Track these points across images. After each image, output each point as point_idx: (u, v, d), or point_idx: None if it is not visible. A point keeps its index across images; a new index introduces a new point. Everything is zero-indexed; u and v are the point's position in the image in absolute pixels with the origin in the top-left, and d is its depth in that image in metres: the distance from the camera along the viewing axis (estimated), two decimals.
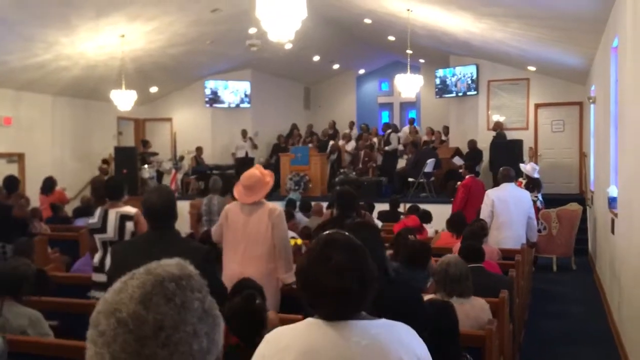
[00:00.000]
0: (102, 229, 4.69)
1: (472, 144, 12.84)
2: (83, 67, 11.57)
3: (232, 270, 4.14)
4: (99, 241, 4.72)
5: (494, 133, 12.77)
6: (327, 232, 1.74)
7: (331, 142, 15.03)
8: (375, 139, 15.38)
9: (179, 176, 14.09)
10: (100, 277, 4.59)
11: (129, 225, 4.66)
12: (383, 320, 1.65)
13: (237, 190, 4.39)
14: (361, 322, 1.60)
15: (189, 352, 0.91)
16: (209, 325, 0.95)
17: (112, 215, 4.70)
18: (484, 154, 12.79)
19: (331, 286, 1.57)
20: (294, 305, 3.27)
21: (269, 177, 4.43)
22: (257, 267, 4.17)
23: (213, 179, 8.33)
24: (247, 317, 2.84)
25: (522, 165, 8.77)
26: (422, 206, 8.58)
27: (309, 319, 1.65)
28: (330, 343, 1.57)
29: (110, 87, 11.72)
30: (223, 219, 4.41)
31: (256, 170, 4.47)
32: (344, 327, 1.59)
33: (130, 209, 4.78)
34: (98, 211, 4.82)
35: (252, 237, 4.25)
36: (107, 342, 0.89)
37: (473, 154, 12.53)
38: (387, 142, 14.39)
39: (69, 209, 10.15)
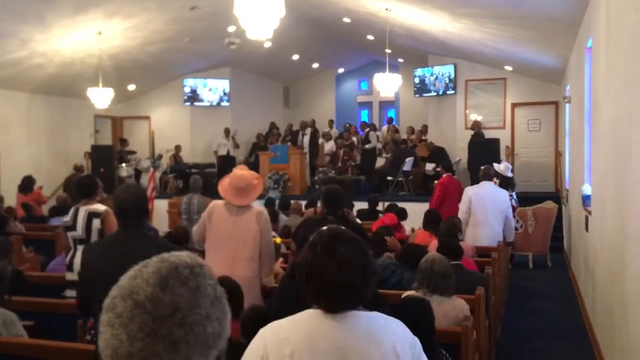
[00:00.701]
0: (73, 226, 4.66)
1: (432, 145, 13.28)
2: (59, 64, 11.42)
3: (219, 272, 4.11)
4: (71, 239, 4.69)
5: (472, 132, 12.89)
6: (330, 226, 1.78)
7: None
8: (354, 138, 15.42)
9: (157, 175, 13.96)
10: (72, 276, 4.54)
11: (96, 223, 4.61)
12: (377, 313, 1.70)
13: (227, 191, 4.29)
14: (358, 313, 1.65)
15: (203, 333, 0.93)
16: (220, 311, 0.98)
17: (82, 212, 4.66)
18: (463, 153, 12.92)
19: (336, 278, 1.62)
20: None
21: (257, 180, 4.40)
22: (245, 268, 4.14)
23: (193, 178, 8.26)
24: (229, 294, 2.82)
25: (495, 165, 8.87)
26: (401, 204, 8.63)
27: (309, 311, 1.68)
28: (329, 333, 1.61)
29: (87, 85, 11.58)
30: (206, 218, 4.32)
31: (246, 172, 4.44)
32: (342, 318, 1.63)
33: (99, 207, 4.72)
34: (72, 209, 4.80)
35: (242, 239, 4.19)
36: (124, 323, 0.90)
37: (439, 155, 12.76)
38: (366, 141, 14.45)
39: (43, 208, 10.03)
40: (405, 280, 4.20)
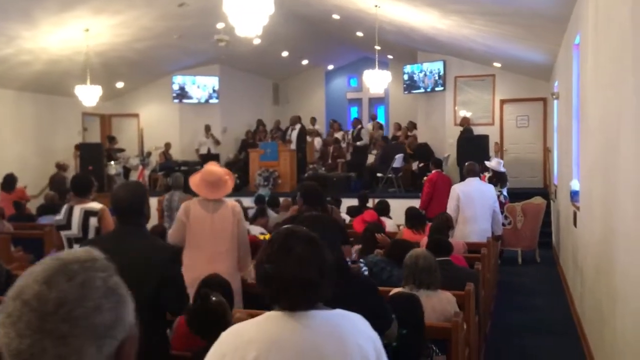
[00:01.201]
0: (67, 225, 4.62)
1: (414, 141, 13.32)
2: (46, 61, 11.32)
3: (200, 269, 4.10)
4: (64, 238, 4.65)
5: (461, 128, 12.94)
6: (287, 226, 1.80)
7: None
8: (340, 134, 15.41)
9: (147, 172, 13.92)
10: None
11: (93, 221, 4.58)
12: (339, 310, 1.71)
13: (199, 185, 4.35)
14: (320, 312, 1.66)
15: (92, 325, 0.96)
16: (113, 302, 1.01)
17: (77, 211, 4.62)
18: (452, 149, 12.96)
19: (293, 277, 1.62)
20: (256, 301, 3.27)
21: (228, 175, 4.49)
22: (225, 263, 4.17)
23: (174, 176, 8.25)
24: (205, 316, 2.78)
25: (487, 162, 8.92)
26: (391, 201, 8.64)
27: (269, 312, 1.69)
28: (293, 333, 1.61)
29: (74, 82, 11.49)
30: (183, 218, 4.32)
31: (217, 168, 4.52)
32: (305, 317, 1.64)
33: (95, 205, 4.70)
34: (64, 207, 4.75)
35: (219, 234, 4.25)
36: (13, 322, 0.94)
37: (422, 152, 12.81)
38: (358, 138, 14.45)
39: (31, 207, 9.95)
40: (395, 277, 4.21)
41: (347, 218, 8.28)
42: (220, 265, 4.01)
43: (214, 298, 2.84)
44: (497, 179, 8.93)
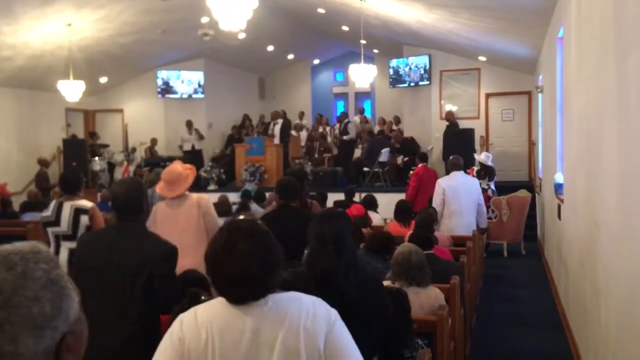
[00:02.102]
0: (56, 222, 4.56)
1: (400, 135, 13.35)
2: (28, 56, 11.18)
3: None
4: (51, 234, 4.59)
5: (447, 122, 12.98)
6: (232, 220, 1.83)
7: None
8: (327, 129, 15.40)
9: (131, 168, 13.81)
10: None
11: (84, 219, 4.54)
12: (292, 293, 1.74)
13: (160, 186, 4.47)
14: (269, 298, 1.69)
15: (29, 314, 0.96)
16: (54, 293, 1.00)
17: (67, 208, 4.57)
18: (438, 143, 13.01)
19: (235, 274, 1.65)
20: None
21: (189, 170, 4.51)
22: (193, 256, 4.17)
23: (155, 171, 8.20)
24: (194, 282, 2.87)
25: (476, 155, 8.96)
26: (377, 195, 8.65)
27: (220, 298, 1.73)
28: (236, 319, 1.66)
29: (57, 78, 11.37)
30: (151, 222, 4.37)
31: (177, 165, 4.56)
32: (252, 304, 1.68)
33: (85, 203, 4.65)
34: (52, 204, 4.68)
35: (184, 228, 4.29)
36: None
37: (408, 146, 12.83)
38: (345, 132, 14.44)
39: (14, 204, 9.84)
40: (379, 270, 4.21)
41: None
42: (187, 259, 4.02)
43: (203, 297, 2.84)
44: (485, 172, 8.97)
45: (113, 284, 2.73)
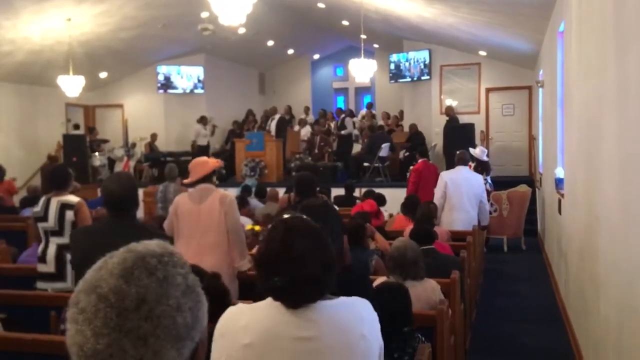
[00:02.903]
0: (44, 217, 4.56)
1: (414, 127, 13.11)
2: (28, 52, 11.17)
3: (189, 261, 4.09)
4: (41, 230, 4.60)
5: (447, 117, 12.96)
6: (286, 217, 1.69)
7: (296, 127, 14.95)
8: (332, 124, 15.40)
9: (132, 163, 13.82)
10: (44, 268, 4.48)
11: (69, 215, 4.53)
12: (342, 298, 1.63)
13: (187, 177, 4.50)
14: (322, 303, 1.58)
15: (173, 325, 0.89)
16: (193, 301, 0.94)
17: (54, 203, 4.56)
18: (438, 138, 13.00)
19: (294, 275, 1.54)
20: (252, 291, 3.26)
21: (211, 160, 4.51)
22: (213, 255, 4.14)
23: (169, 167, 8.16)
24: (216, 296, 2.83)
25: (471, 150, 8.94)
26: (377, 190, 8.66)
27: (270, 300, 1.61)
28: (291, 323, 1.55)
29: (57, 73, 11.36)
30: (172, 213, 4.37)
31: (203, 157, 4.61)
32: (304, 309, 1.56)
33: (72, 198, 4.64)
34: (42, 199, 4.68)
35: (206, 226, 4.22)
36: (88, 319, 0.86)
37: (416, 138, 12.78)
38: (342, 127, 14.43)
39: (16, 199, 9.85)
40: (364, 262, 4.22)
41: (336, 208, 8.26)
42: (207, 258, 3.98)
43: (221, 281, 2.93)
44: (481, 167, 8.96)
45: None
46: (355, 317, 1.59)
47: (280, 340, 1.53)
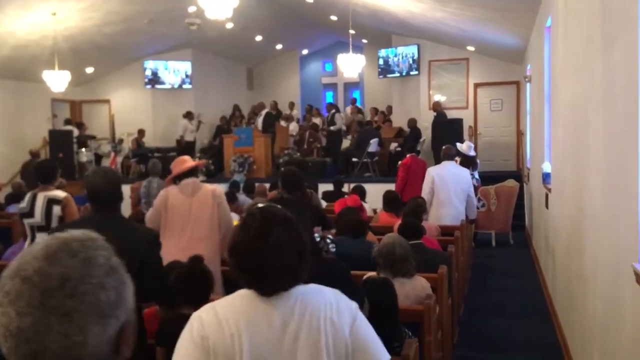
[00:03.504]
0: (30, 213, 4.52)
1: (413, 122, 13.05)
2: (13, 46, 11.03)
3: (177, 255, 4.06)
4: (27, 226, 4.55)
5: (434, 113, 12.96)
6: (261, 206, 1.71)
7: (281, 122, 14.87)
8: (318, 120, 15.36)
9: (119, 159, 13.71)
10: None
11: (56, 210, 4.49)
12: (313, 286, 1.68)
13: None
14: (293, 291, 1.63)
15: (97, 302, 0.93)
16: (116, 281, 0.97)
17: (40, 199, 4.53)
18: (427, 133, 13.00)
19: (272, 263, 1.58)
20: (236, 285, 3.24)
21: (189, 158, 4.57)
22: (203, 248, 4.13)
23: (152, 162, 8.17)
24: (195, 278, 2.89)
25: (458, 145, 8.94)
26: (366, 186, 8.63)
27: (242, 291, 1.66)
28: (264, 314, 1.60)
29: (42, 68, 11.23)
30: (161, 205, 4.34)
31: (182, 157, 4.64)
32: (277, 297, 1.61)
33: (59, 193, 4.60)
34: (28, 195, 4.65)
35: (198, 219, 4.25)
36: (12, 300, 0.90)
37: (414, 133, 12.75)
38: (332, 122, 14.41)
39: (1, 195, 9.75)
40: (357, 251, 4.22)
41: (324, 203, 8.26)
42: (198, 251, 3.95)
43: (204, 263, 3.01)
44: (468, 162, 8.96)
45: None
46: (325, 302, 1.63)
47: (258, 330, 1.58)
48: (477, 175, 9.39)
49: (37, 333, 0.89)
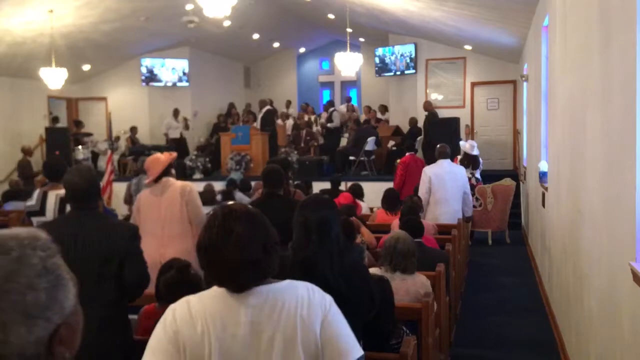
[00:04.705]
0: (41, 211, 4.45)
1: (414, 121, 13.06)
2: (9, 44, 11.00)
3: (152, 254, 4.04)
4: (36, 224, 4.50)
5: (426, 112, 12.96)
6: (225, 204, 1.79)
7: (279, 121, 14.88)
8: (312, 117, 15.35)
9: (115, 157, 13.67)
10: None
11: (69, 208, 4.47)
12: (286, 282, 1.69)
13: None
14: (265, 287, 1.64)
15: (22, 301, 0.92)
16: (49, 282, 0.96)
17: (52, 197, 4.45)
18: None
19: (236, 259, 1.60)
20: None
21: (163, 156, 4.52)
22: (176, 246, 4.19)
23: (141, 159, 8.14)
24: (184, 288, 2.83)
25: (461, 143, 8.97)
26: (363, 184, 8.65)
27: (215, 288, 1.67)
28: (233, 311, 1.61)
29: (39, 65, 11.21)
30: (135, 210, 4.44)
31: (157, 154, 4.61)
32: (247, 294, 1.63)
33: None
34: (36, 193, 4.56)
35: (168, 218, 4.30)
36: None
37: (413, 131, 12.76)
38: (330, 120, 14.41)
39: None
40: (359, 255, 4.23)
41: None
42: (171, 250, 4.05)
43: (192, 271, 2.99)
44: (469, 161, 8.98)
45: (82, 272, 2.70)
46: (294, 299, 1.64)
47: (227, 326, 1.60)
48: (478, 174, 9.41)
49: None
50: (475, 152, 9.38)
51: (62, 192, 4.51)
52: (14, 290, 0.92)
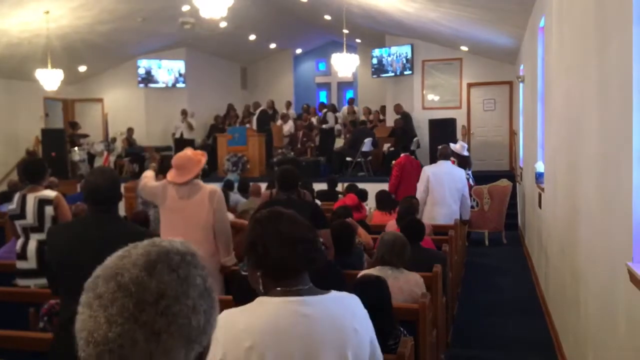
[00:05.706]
0: (21, 214, 4.44)
1: (398, 123, 13.13)
2: (5, 45, 10.98)
3: None
4: (19, 227, 4.48)
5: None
6: (269, 209, 1.76)
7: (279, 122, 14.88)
8: (314, 119, 15.37)
9: (112, 158, 13.66)
10: (24, 265, 4.40)
11: (49, 210, 4.42)
12: (333, 293, 1.67)
13: (170, 174, 4.20)
14: (315, 298, 1.62)
15: (187, 325, 0.88)
16: (208, 304, 0.93)
17: (31, 200, 4.43)
18: (419, 132, 13.02)
19: (300, 266, 1.62)
20: (238, 287, 3.23)
21: (200, 155, 4.27)
22: (198, 251, 4.07)
23: (149, 161, 8.13)
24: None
25: (452, 145, 8.99)
26: (360, 185, 8.67)
27: (261, 299, 1.64)
28: (289, 321, 1.58)
29: (35, 66, 11.18)
30: (160, 192, 4.18)
31: (187, 151, 4.32)
32: (299, 303, 1.59)
33: (49, 193, 4.52)
34: (16, 196, 4.54)
35: (193, 221, 4.09)
36: (104, 305, 0.85)
37: (406, 131, 12.79)
38: (324, 122, 14.42)
39: None
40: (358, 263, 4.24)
41: (318, 202, 8.27)
42: None
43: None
44: (462, 162, 9.00)
45: None
46: (347, 312, 1.63)
47: (280, 339, 1.56)
48: (471, 175, 9.42)
49: (122, 346, 0.83)
50: (465, 152, 9.41)
51: (40, 194, 4.48)
52: (182, 313, 0.87)
